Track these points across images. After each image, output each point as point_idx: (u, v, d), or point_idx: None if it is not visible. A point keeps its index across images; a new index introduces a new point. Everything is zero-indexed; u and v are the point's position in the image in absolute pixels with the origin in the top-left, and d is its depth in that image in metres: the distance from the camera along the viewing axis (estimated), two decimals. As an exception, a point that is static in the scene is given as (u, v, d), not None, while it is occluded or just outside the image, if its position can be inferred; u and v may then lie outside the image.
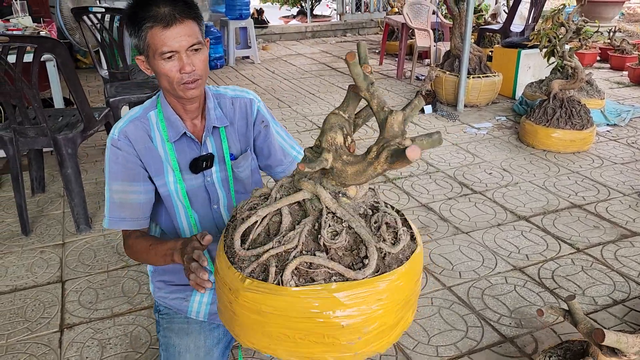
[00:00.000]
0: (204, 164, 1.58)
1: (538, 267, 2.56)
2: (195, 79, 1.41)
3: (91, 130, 2.87)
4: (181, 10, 1.38)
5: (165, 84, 1.44)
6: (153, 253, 1.45)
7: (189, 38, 1.37)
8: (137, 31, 1.41)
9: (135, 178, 1.53)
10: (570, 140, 3.91)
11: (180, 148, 1.56)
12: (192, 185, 1.60)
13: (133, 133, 1.52)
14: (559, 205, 3.17)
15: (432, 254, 2.68)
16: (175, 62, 1.38)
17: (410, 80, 6.11)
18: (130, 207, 1.54)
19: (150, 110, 1.55)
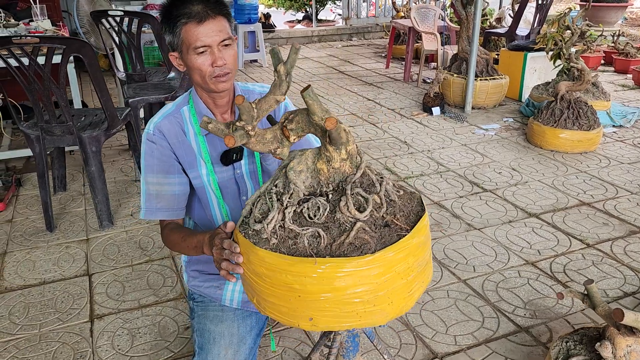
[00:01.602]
0: (234, 156, 1.66)
1: (550, 261, 2.64)
2: (226, 72, 1.49)
3: (114, 129, 2.96)
4: (213, 7, 1.48)
5: (197, 78, 1.53)
6: (185, 245, 1.53)
7: (221, 33, 1.46)
8: (172, 28, 1.50)
9: (170, 170, 1.61)
10: (578, 140, 3.99)
11: (212, 141, 1.64)
12: (223, 178, 1.68)
13: (167, 128, 1.60)
14: (568, 203, 3.25)
15: (446, 249, 2.76)
16: (207, 56, 1.47)
17: (417, 83, 6.20)
18: (165, 198, 1.62)
19: (183, 106, 1.64)
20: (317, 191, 1.14)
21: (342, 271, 1.00)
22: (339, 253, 1.03)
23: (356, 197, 1.11)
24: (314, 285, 1.00)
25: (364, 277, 1.01)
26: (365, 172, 1.20)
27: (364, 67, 7.22)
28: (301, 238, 1.06)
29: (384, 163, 3.89)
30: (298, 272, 1.00)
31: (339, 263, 1.00)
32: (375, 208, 1.12)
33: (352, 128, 4.67)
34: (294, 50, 1.12)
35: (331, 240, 1.05)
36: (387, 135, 4.50)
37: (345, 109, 5.23)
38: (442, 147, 4.21)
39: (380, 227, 1.10)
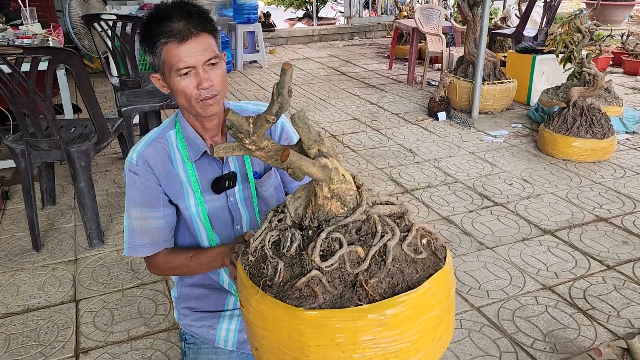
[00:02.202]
0: (227, 183, 1.52)
1: (568, 285, 2.47)
2: (213, 94, 1.35)
3: (105, 143, 2.79)
4: (196, 23, 1.33)
5: (182, 101, 1.39)
6: (196, 263, 1.43)
7: (206, 52, 1.32)
8: (151, 48, 1.36)
9: (155, 203, 1.47)
10: (591, 149, 3.82)
11: (201, 168, 1.49)
12: (214, 207, 1.54)
13: (152, 156, 1.46)
14: (584, 218, 3.08)
15: (457, 271, 2.59)
16: (192, 78, 1.33)
17: (421, 85, 6.03)
18: (150, 233, 1.48)
19: (169, 130, 1.50)
20: (303, 223, 1.03)
21: (269, 313, 0.92)
22: (282, 295, 0.93)
23: (332, 243, 0.97)
24: (254, 316, 0.96)
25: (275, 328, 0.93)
26: (371, 218, 1.04)
27: (366, 68, 7.04)
28: (267, 265, 0.98)
29: (389, 173, 3.72)
30: (245, 297, 0.98)
31: (272, 304, 0.92)
32: (352, 262, 0.96)
33: (356, 134, 4.50)
34: (284, 71, 0.95)
35: (287, 278, 0.95)
36: (391, 142, 4.33)
37: (348, 114, 5.06)
38: (449, 155, 4.04)
39: (347, 285, 0.94)
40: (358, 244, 0.98)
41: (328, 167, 0.97)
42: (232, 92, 5.90)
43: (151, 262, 1.53)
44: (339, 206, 1.01)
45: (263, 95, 5.73)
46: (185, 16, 1.32)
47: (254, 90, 5.97)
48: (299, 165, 0.91)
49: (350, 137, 4.45)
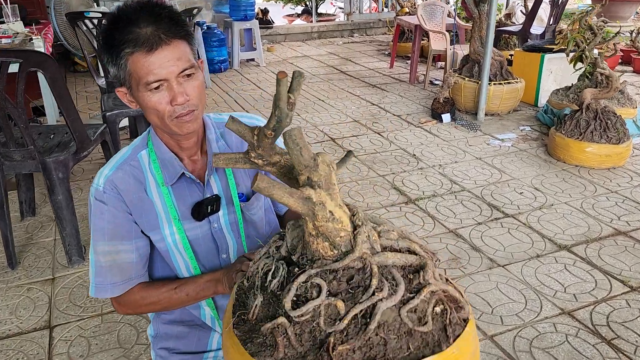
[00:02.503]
0: (209, 208, 1.32)
1: (589, 310, 2.26)
2: (190, 110, 1.16)
3: (85, 152, 2.57)
4: (167, 29, 1.12)
5: (154, 119, 1.19)
6: (182, 295, 1.28)
7: (179, 62, 1.12)
8: (114, 59, 1.15)
9: (126, 236, 1.27)
10: (606, 155, 3.60)
11: (179, 192, 1.29)
12: (196, 235, 1.34)
13: (122, 181, 1.25)
14: (602, 232, 2.87)
15: (467, 293, 2.38)
16: (164, 92, 1.13)
17: (424, 85, 5.80)
18: (121, 269, 1.28)
19: (141, 150, 1.29)
20: (293, 257, 0.90)
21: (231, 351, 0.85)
22: (249, 336, 0.84)
23: (310, 289, 0.82)
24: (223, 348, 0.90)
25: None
26: (367, 267, 0.84)
27: (367, 67, 6.82)
28: (250, 296, 0.89)
29: (391, 181, 3.51)
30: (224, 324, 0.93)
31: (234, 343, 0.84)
32: (328, 317, 0.80)
33: (356, 138, 4.28)
34: (279, 82, 0.81)
35: (261, 317, 0.85)
36: (393, 146, 4.11)
37: (348, 115, 4.84)
38: (455, 161, 3.83)
39: (315, 344, 0.79)
40: (342, 296, 0.82)
41: (311, 200, 0.81)
42: (227, 92, 5.68)
43: (122, 300, 1.33)
44: (327, 247, 0.85)
45: (260, 96, 5.51)
46: (154, 20, 1.11)
47: (250, 90, 5.74)
48: (269, 193, 0.78)
49: (350, 140, 4.23)
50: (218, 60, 6.48)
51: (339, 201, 0.89)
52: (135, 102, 1.20)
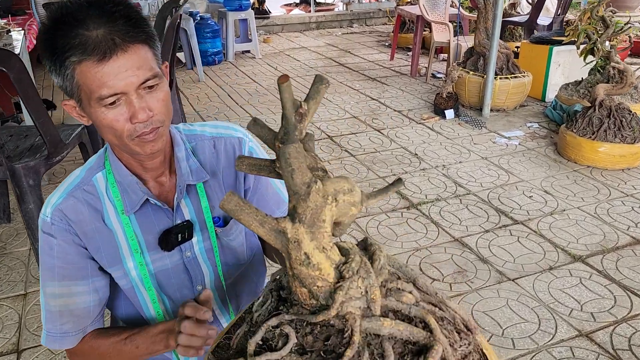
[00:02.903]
0: (179, 237, 1.12)
1: (609, 332, 2.07)
2: (154, 127, 0.97)
3: (58, 157, 2.36)
4: (123, 31, 0.91)
5: (111, 138, 0.99)
6: (132, 347, 1.08)
7: (139, 72, 0.92)
8: (58, 67, 0.93)
9: (80, 275, 1.08)
10: (620, 155, 3.39)
11: (144, 220, 1.10)
12: (165, 266, 1.15)
13: (73, 210, 1.06)
14: (619, 241, 2.67)
15: (474, 311, 2.19)
16: (122, 108, 0.94)
17: (426, 78, 5.57)
18: (74, 316, 1.09)
19: (96, 172, 1.09)
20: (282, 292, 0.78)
21: None
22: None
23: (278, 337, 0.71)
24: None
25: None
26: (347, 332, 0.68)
27: (367, 59, 6.58)
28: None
29: (392, 183, 3.29)
30: None
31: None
32: None
33: (355, 136, 4.07)
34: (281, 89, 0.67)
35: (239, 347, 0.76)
36: (394, 145, 3.90)
37: (347, 111, 4.62)
38: (459, 161, 3.62)
39: None
40: (313, 357, 0.68)
41: (285, 235, 0.66)
42: (221, 85, 5.45)
43: (72, 350, 1.13)
44: (305, 294, 0.70)
45: (255, 90, 5.28)
46: (106, 21, 0.90)
47: (244, 84, 5.52)
48: (237, 216, 0.65)
49: (348, 138, 4.02)
50: (212, 52, 6.25)
51: (324, 243, 0.69)
52: (87, 117, 0.99)
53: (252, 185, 1.20)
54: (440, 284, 2.36)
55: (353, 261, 0.74)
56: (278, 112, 4.59)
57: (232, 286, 1.26)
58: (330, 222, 0.72)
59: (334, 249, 0.73)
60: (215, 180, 1.16)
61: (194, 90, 5.29)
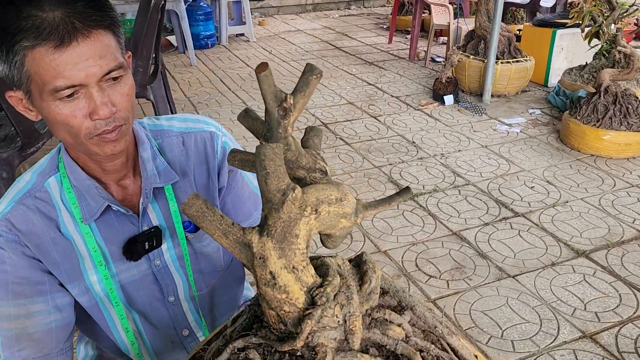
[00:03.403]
0: (147, 245, 0.99)
1: (614, 333, 1.96)
2: (117, 125, 0.85)
3: (33, 147, 2.23)
4: (85, 14, 0.80)
5: (65, 137, 0.87)
6: None
7: (102, 61, 0.81)
8: (4, 53, 0.81)
9: (37, 291, 0.96)
10: (626, 143, 3.26)
11: (106, 227, 0.98)
12: (132, 277, 1.04)
13: (23, 220, 0.94)
14: (624, 234, 2.55)
15: (472, 311, 2.08)
16: (80, 102, 0.82)
17: (424, 62, 5.41)
18: (32, 340, 0.96)
19: (49, 176, 0.97)
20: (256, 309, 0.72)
21: None
22: None
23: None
24: None
25: None
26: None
27: (364, 42, 6.40)
28: None
29: (388, 173, 3.18)
30: None
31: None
32: None
33: (350, 123, 3.93)
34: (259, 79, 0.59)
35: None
36: (391, 132, 3.76)
37: (342, 97, 4.47)
38: (458, 149, 3.49)
39: None
40: None
41: (249, 248, 0.58)
42: (213, 70, 5.29)
43: None
44: (274, 317, 0.62)
45: (248, 74, 5.13)
46: (65, 2, 0.78)
47: (238, 68, 5.36)
48: (199, 224, 0.59)
49: (344, 126, 3.88)
50: (204, 35, 6.07)
51: (295, 262, 0.59)
52: (36, 111, 0.86)
53: (227, 184, 1.08)
54: (437, 281, 2.25)
55: (329, 285, 0.62)
56: (271, 98, 4.44)
57: (209, 295, 1.15)
58: (306, 238, 0.61)
59: (307, 269, 0.62)
60: (186, 181, 1.04)
61: (185, 75, 5.13)
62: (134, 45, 2.91)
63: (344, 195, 0.61)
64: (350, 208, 0.62)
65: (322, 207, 0.59)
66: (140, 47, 2.82)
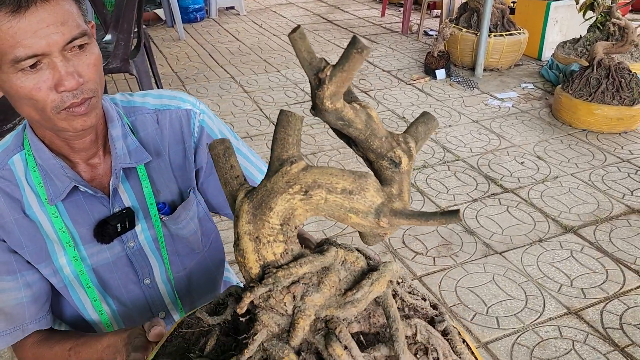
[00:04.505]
0: (119, 227, 0.96)
1: (599, 308, 1.95)
2: (85, 97, 0.80)
3: (10, 124, 2.18)
4: None
5: (30, 112, 0.82)
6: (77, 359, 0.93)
7: (64, 27, 0.76)
8: None
9: (5, 270, 0.92)
10: (618, 118, 3.22)
11: (76, 209, 0.94)
12: (104, 260, 1.00)
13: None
14: (613, 210, 2.53)
15: (458, 288, 2.07)
16: (44, 73, 0.78)
17: (417, 35, 5.31)
18: (4, 314, 0.94)
19: (14, 154, 0.92)
20: None
21: None
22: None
23: None
24: None
25: None
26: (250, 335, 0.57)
27: (356, 15, 6.28)
28: None
29: (377, 149, 3.13)
30: None
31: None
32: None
33: (340, 98, 3.86)
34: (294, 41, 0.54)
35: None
36: (381, 107, 3.70)
37: (333, 71, 4.39)
38: (449, 124, 3.44)
39: None
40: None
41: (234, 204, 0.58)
42: (202, 44, 5.18)
43: (18, 355, 1.00)
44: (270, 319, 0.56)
45: (237, 49, 5.02)
46: None
47: (227, 42, 5.25)
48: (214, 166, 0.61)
49: (333, 101, 3.81)
50: (193, 8, 5.93)
51: (261, 233, 0.56)
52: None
53: (206, 165, 1.04)
54: (424, 258, 2.23)
55: (284, 271, 0.57)
56: (261, 73, 4.36)
57: (187, 277, 1.12)
58: (282, 215, 0.57)
59: (272, 245, 0.58)
60: (161, 161, 0.99)
61: (174, 50, 5.02)
62: (115, 18, 2.82)
63: (359, 189, 0.55)
64: (365, 206, 0.56)
65: (317, 192, 0.55)
66: (121, 20, 2.74)
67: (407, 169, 0.59)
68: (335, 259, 0.59)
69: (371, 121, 0.57)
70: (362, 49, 0.51)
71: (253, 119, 3.53)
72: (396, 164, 0.58)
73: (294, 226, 0.58)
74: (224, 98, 3.86)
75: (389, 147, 0.58)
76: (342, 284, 0.59)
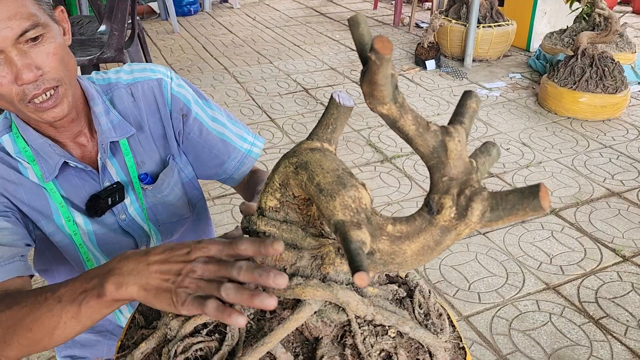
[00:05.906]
0: (110, 200, 1.01)
1: (577, 284, 2.04)
2: (48, 87, 0.83)
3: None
4: None
5: (4, 105, 0.86)
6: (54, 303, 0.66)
7: (12, 22, 0.78)
8: None
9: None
10: (601, 106, 3.30)
11: (68, 185, 0.99)
12: (100, 230, 1.05)
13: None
14: (594, 192, 2.62)
15: (442, 266, 2.15)
16: (3, 68, 0.80)
17: (409, 28, 5.38)
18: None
19: (2, 134, 0.96)
20: None
21: None
22: None
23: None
24: None
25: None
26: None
27: (349, 8, 6.34)
28: None
29: (367, 137, 3.21)
30: None
31: None
32: None
33: (332, 88, 3.93)
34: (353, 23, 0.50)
35: None
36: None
37: (325, 63, 4.46)
38: (438, 113, 3.52)
39: None
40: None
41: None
42: (196, 37, 5.23)
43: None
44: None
45: (231, 41, 5.08)
46: None
47: (221, 35, 5.30)
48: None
49: (325, 91, 3.88)
50: (187, 2, 5.97)
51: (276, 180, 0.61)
52: None
53: (186, 132, 1.08)
54: (410, 238, 2.31)
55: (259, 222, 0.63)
56: (254, 65, 4.43)
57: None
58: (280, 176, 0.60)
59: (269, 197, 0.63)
60: (142, 133, 1.04)
61: (168, 42, 5.07)
62: (109, 9, 2.87)
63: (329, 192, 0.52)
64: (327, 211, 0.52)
65: (302, 173, 0.56)
66: (115, 10, 2.79)
67: (444, 224, 0.49)
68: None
69: (442, 152, 0.50)
70: (476, 99, 0.56)
71: (246, 108, 3.59)
72: (431, 211, 0.49)
73: (290, 193, 0.60)
74: (217, 89, 3.92)
75: (444, 188, 0.49)
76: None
